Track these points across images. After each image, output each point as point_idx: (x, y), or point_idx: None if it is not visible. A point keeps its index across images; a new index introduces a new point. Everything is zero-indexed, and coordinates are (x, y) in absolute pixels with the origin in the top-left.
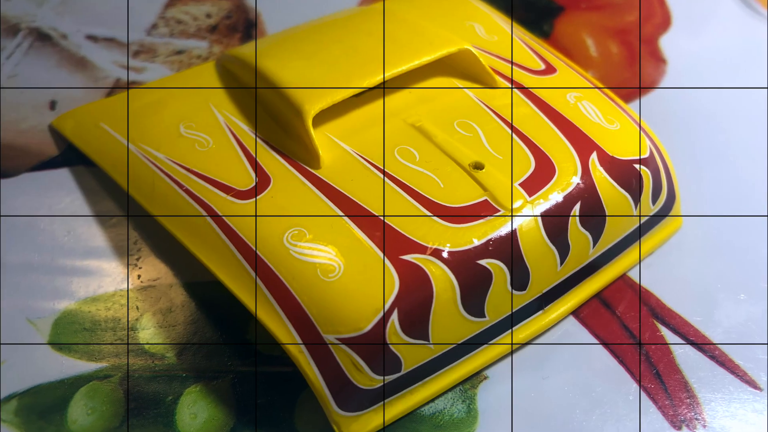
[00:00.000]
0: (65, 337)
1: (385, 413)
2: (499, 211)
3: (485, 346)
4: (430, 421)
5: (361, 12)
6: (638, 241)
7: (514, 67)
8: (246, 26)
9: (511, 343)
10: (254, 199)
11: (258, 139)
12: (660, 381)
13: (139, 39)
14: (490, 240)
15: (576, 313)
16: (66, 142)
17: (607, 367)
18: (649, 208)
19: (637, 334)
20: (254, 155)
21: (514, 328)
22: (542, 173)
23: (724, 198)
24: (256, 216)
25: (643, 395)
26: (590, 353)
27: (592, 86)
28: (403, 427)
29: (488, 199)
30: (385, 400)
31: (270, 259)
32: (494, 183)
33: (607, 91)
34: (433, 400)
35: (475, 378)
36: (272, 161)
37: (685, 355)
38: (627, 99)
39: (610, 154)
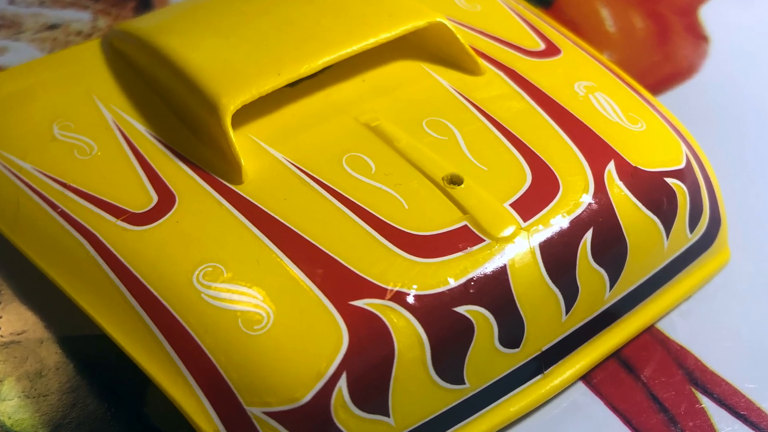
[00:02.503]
0: None
1: None
2: (484, 240)
3: (465, 422)
4: None
5: None
6: (671, 281)
7: (503, 46)
8: None
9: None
10: (153, 224)
11: (158, 144)
12: None
13: None
14: (471, 280)
15: (588, 378)
16: None
17: None
18: (685, 236)
19: (670, 406)
20: (153, 166)
21: (504, 399)
22: (541, 190)
23: None
24: (158, 247)
25: None
26: (607, 431)
27: (609, 72)
28: None
29: (469, 225)
30: None
31: (174, 304)
32: (477, 203)
33: (628, 78)
34: None
35: None
36: (178, 174)
37: None
38: (655, 90)
39: (633, 164)
